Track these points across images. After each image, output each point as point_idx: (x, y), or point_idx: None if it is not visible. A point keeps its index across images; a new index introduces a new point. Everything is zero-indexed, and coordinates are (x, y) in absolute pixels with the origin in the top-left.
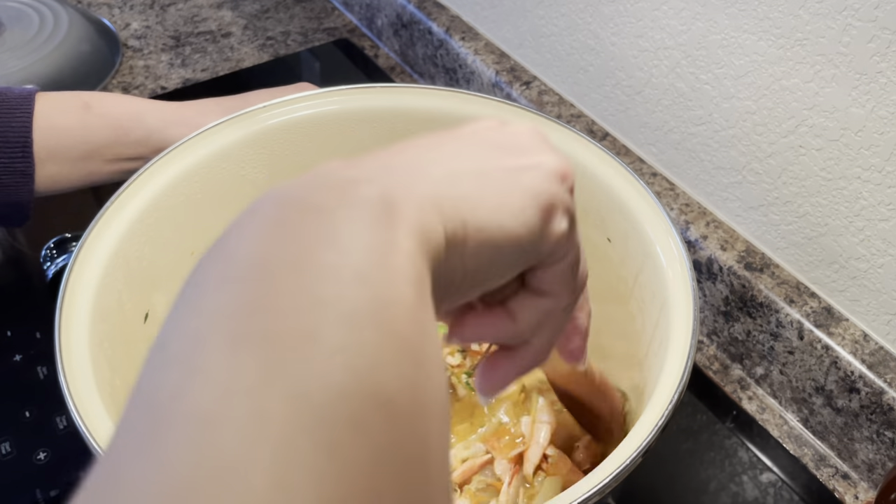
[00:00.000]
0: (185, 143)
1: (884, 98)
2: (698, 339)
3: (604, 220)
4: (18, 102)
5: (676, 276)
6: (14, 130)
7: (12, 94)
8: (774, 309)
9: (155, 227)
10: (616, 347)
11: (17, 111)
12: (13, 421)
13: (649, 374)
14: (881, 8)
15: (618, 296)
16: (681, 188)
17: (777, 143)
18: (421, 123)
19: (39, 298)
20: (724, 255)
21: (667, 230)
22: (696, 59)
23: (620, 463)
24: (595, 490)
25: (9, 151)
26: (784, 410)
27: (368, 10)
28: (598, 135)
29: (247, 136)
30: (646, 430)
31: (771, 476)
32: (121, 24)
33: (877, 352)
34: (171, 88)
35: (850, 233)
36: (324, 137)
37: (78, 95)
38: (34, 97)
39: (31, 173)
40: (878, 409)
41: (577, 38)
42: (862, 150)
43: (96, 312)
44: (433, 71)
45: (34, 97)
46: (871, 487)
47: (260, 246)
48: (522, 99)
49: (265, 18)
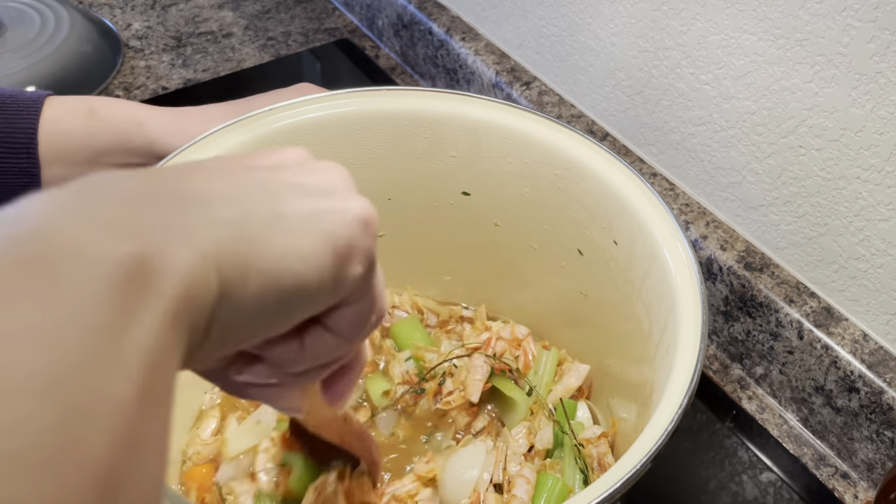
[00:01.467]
0: (189, 148)
1: (883, 98)
2: None
3: (610, 222)
4: (27, 105)
5: (684, 279)
6: (20, 131)
7: (23, 96)
8: (774, 309)
9: None
10: (622, 350)
11: (25, 113)
12: None
13: (657, 377)
14: (881, 8)
15: (624, 299)
16: (681, 188)
17: (777, 143)
18: (425, 126)
19: None
20: (723, 255)
21: (674, 233)
22: (696, 60)
23: (631, 468)
24: (605, 496)
25: (15, 152)
26: (784, 410)
27: (369, 11)
28: (598, 135)
29: (251, 140)
30: (656, 435)
31: (771, 475)
32: (122, 25)
33: (876, 351)
34: (172, 89)
35: (850, 233)
36: (328, 141)
37: (85, 100)
38: (43, 100)
39: (36, 173)
40: (877, 409)
41: (578, 39)
42: (861, 151)
43: None
44: (434, 71)
45: (43, 100)
46: (871, 487)
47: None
48: (523, 99)
49: (266, 19)
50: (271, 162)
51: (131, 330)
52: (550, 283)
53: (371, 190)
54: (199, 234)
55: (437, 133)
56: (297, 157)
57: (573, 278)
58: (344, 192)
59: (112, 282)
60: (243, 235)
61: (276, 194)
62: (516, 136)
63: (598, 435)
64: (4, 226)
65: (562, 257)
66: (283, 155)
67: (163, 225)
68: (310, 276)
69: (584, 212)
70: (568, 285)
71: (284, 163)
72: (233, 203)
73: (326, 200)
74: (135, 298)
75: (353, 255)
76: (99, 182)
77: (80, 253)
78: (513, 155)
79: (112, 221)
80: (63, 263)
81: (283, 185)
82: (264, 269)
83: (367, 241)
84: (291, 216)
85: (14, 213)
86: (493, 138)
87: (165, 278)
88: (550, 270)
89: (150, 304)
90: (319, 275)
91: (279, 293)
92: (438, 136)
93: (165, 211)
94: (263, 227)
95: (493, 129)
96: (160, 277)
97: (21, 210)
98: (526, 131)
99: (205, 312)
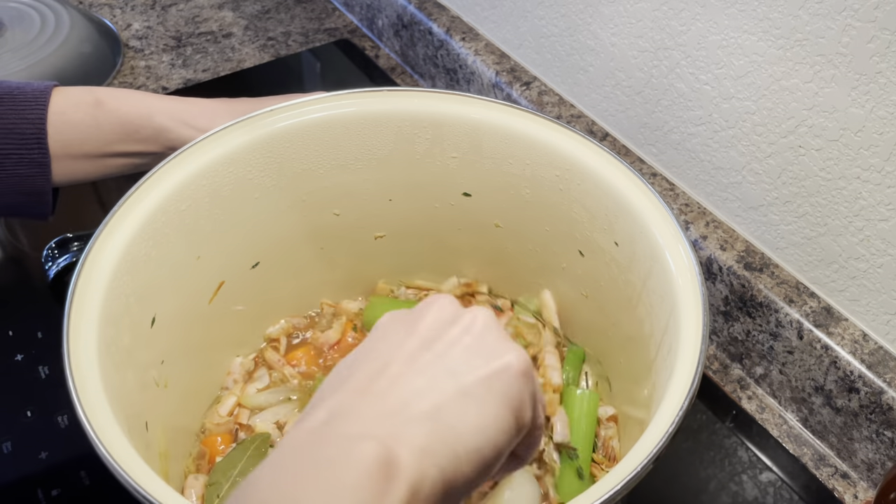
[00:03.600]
0: (191, 148)
1: (883, 98)
2: None
3: (611, 223)
4: (35, 96)
5: (685, 280)
6: (29, 123)
7: (30, 88)
8: (774, 309)
9: (162, 231)
10: (624, 352)
11: (33, 104)
12: (14, 420)
13: (658, 378)
14: (881, 8)
15: (626, 300)
16: (680, 188)
17: (777, 143)
18: (426, 127)
19: (41, 298)
20: (723, 255)
21: (675, 234)
22: (696, 60)
23: (632, 469)
24: (607, 497)
25: (24, 143)
26: (783, 410)
27: (369, 11)
28: (598, 135)
29: (253, 140)
30: (657, 436)
31: (770, 475)
32: (122, 25)
33: (876, 351)
34: (172, 88)
35: (850, 233)
36: (330, 141)
37: (92, 91)
38: (50, 92)
39: (46, 163)
40: (877, 409)
41: (578, 39)
42: (861, 151)
43: (104, 316)
44: (434, 71)
45: (50, 92)
46: (871, 487)
47: (265, 496)
48: (522, 99)
49: (266, 19)
50: (432, 329)
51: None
52: (551, 285)
53: (372, 190)
54: (415, 436)
55: (439, 134)
56: (449, 313)
57: (574, 279)
58: (500, 346)
59: (371, 472)
60: (446, 424)
61: (454, 371)
62: (517, 138)
63: (608, 416)
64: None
65: (562, 258)
66: (438, 314)
67: (388, 434)
68: (502, 440)
69: (585, 213)
70: (569, 286)
71: (442, 324)
72: (427, 398)
73: (491, 362)
74: (386, 487)
75: (525, 407)
76: (334, 407)
77: (346, 454)
78: (514, 156)
79: (355, 431)
80: (337, 464)
81: (454, 360)
82: (470, 446)
83: (531, 388)
84: (472, 389)
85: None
86: (494, 139)
87: (401, 470)
88: (551, 272)
89: (392, 491)
90: (508, 435)
91: (483, 459)
92: (439, 136)
93: (384, 422)
94: (458, 414)
95: (494, 130)
96: (397, 469)
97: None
98: (527, 132)
99: (434, 496)
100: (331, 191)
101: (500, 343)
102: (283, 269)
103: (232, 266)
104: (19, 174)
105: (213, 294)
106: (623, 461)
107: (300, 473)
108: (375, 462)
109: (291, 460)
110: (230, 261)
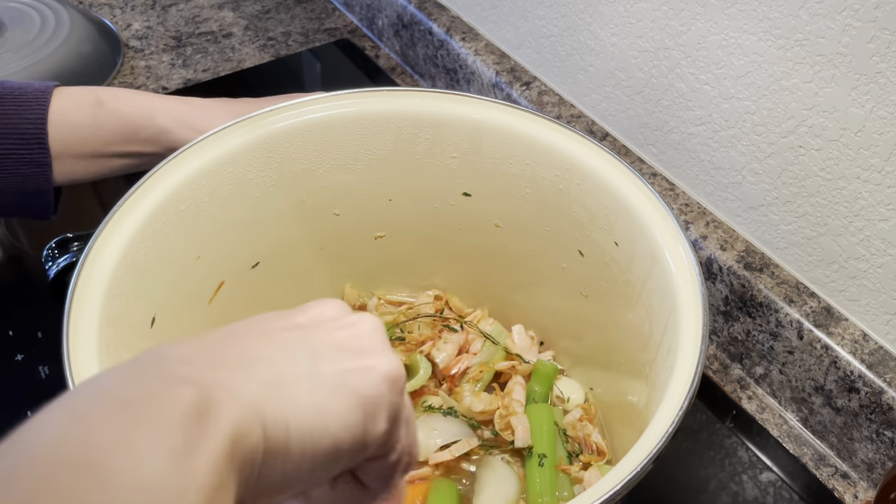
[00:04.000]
0: (191, 148)
1: (883, 98)
2: None
3: (611, 223)
4: (36, 97)
5: (685, 280)
6: (30, 123)
7: (31, 88)
8: (774, 309)
9: (162, 231)
10: (623, 351)
11: (34, 104)
12: (15, 420)
13: (657, 379)
14: (881, 8)
15: (625, 300)
16: (680, 188)
17: (777, 143)
18: (426, 127)
19: (41, 298)
20: (723, 254)
21: (675, 234)
22: (696, 60)
23: (632, 469)
24: (607, 497)
25: (25, 143)
26: (784, 410)
27: (369, 11)
28: (598, 135)
29: (253, 140)
30: (657, 436)
31: (770, 475)
32: (122, 25)
33: (876, 351)
34: (172, 88)
35: (850, 233)
36: (330, 141)
37: (92, 91)
38: (51, 92)
39: (47, 163)
40: (877, 409)
41: (578, 39)
42: (861, 151)
43: (104, 317)
44: (434, 71)
45: (51, 92)
46: (871, 487)
47: (55, 439)
48: (522, 99)
49: (266, 19)
50: (308, 319)
51: (196, 456)
52: (551, 285)
53: (372, 190)
54: (245, 391)
55: (439, 134)
56: (333, 311)
57: (574, 279)
58: (374, 349)
59: (182, 416)
60: (283, 393)
61: (312, 354)
62: (517, 138)
63: (580, 417)
64: (115, 383)
65: (562, 258)
66: (321, 310)
67: (215, 382)
68: (343, 435)
69: (585, 213)
70: (568, 286)
71: (320, 319)
72: (273, 365)
73: (357, 359)
74: (197, 435)
75: (379, 413)
76: (161, 350)
77: (157, 395)
78: (514, 156)
79: (179, 372)
80: (146, 404)
81: (318, 344)
82: (303, 424)
83: (393, 398)
84: (325, 375)
85: (116, 375)
86: (494, 139)
87: (221, 420)
88: (551, 272)
89: (208, 438)
90: (352, 433)
91: (315, 447)
92: (439, 136)
93: (216, 371)
94: (301, 385)
95: (494, 130)
96: (216, 419)
97: (112, 375)
98: (527, 132)
99: (252, 461)
100: (331, 191)
101: (376, 347)
102: (283, 269)
103: (232, 266)
104: (20, 174)
105: (213, 294)
106: (623, 461)
107: (98, 415)
108: (192, 404)
109: (90, 398)
110: (230, 261)
